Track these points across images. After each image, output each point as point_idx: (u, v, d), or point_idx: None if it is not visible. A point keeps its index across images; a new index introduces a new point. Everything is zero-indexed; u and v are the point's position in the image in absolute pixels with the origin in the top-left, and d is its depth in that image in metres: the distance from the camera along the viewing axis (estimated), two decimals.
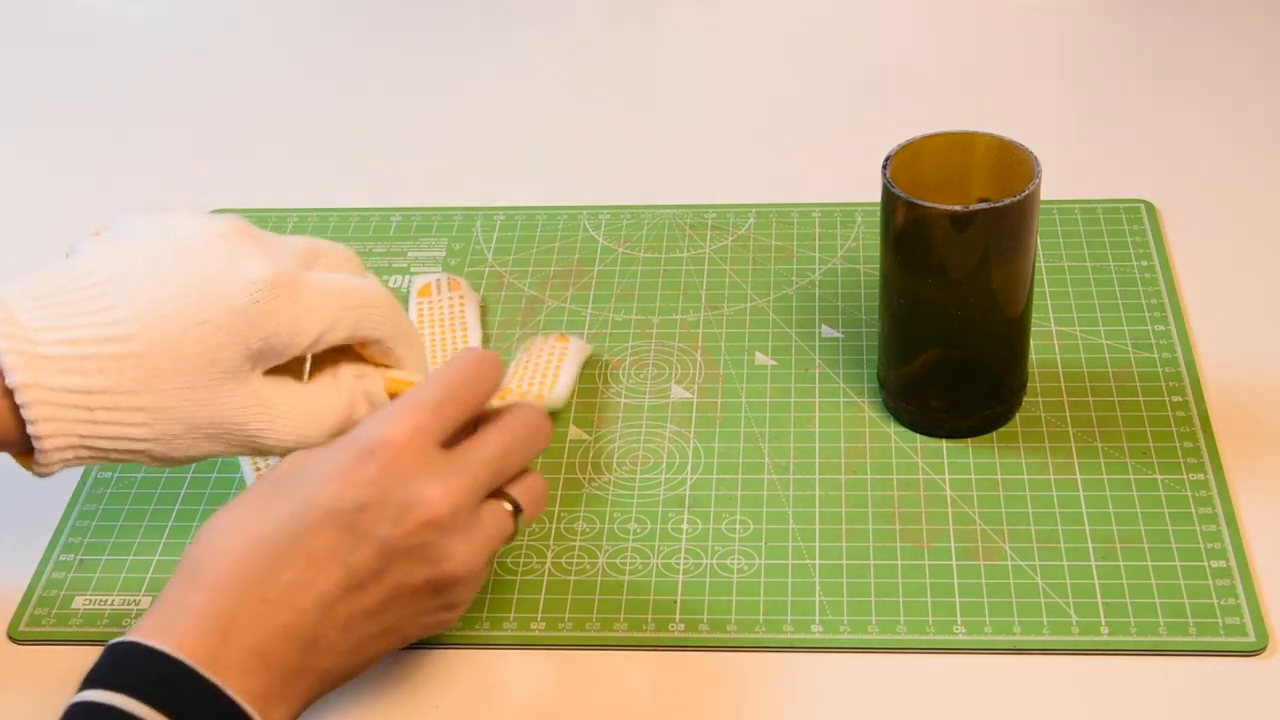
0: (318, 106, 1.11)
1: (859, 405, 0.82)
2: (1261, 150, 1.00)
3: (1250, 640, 0.69)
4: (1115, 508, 0.75)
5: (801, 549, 0.74)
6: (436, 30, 1.17)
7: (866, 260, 0.91)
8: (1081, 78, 1.10)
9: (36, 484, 0.80)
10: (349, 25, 1.19)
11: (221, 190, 1.01)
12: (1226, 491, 0.76)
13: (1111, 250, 0.91)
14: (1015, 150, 0.75)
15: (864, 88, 1.09)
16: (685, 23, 1.17)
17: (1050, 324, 0.86)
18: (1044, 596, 0.71)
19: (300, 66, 1.15)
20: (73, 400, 0.63)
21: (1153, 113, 1.04)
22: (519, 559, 0.75)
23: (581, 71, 1.13)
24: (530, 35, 1.17)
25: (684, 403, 0.83)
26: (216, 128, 1.09)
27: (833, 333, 0.86)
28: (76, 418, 0.63)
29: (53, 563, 0.76)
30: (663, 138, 1.05)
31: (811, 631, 0.71)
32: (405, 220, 0.97)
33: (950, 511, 0.76)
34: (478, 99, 1.10)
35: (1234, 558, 0.73)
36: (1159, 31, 1.12)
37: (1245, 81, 1.06)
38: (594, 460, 0.80)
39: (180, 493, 0.79)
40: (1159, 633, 0.70)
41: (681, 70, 1.13)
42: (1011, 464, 0.78)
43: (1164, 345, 0.84)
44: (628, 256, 0.93)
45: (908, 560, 0.73)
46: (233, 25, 1.20)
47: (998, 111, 1.05)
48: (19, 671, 0.72)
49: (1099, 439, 0.79)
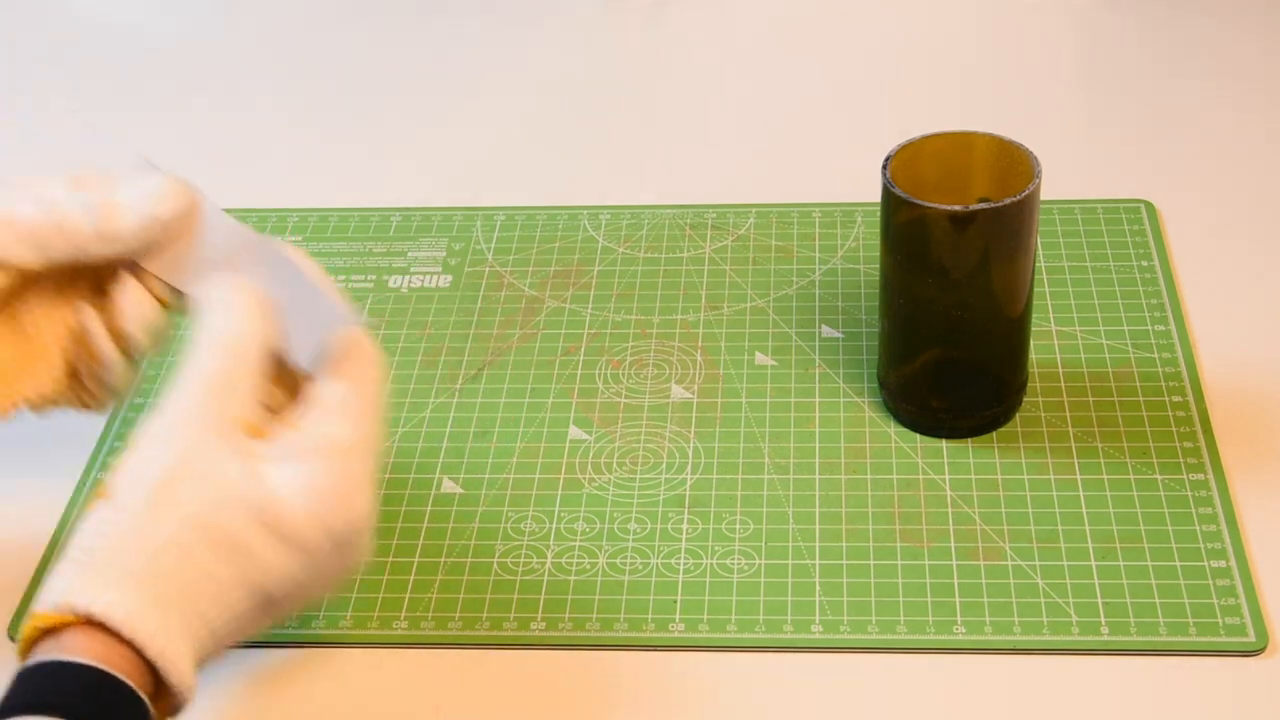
0: (318, 107, 1.11)
1: (859, 405, 0.82)
2: (1262, 150, 1.00)
3: (1250, 640, 0.69)
4: (1115, 508, 0.75)
5: (801, 549, 0.74)
6: (437, 30, 1.17)
7: (866, 260, 0.91)
8: (1082, 78, 1.10)
9: (35, 484, 0.80)
10: (349, 25, 1.19)
11: (221, 190, 1.00)
12: (1226, 491, 0.76)
13: (1111, 250, 0.91)
14: (1015, 150, 0.75)
15: (864, 88, 1.09)
16: (686, 23, 1.17)
17: (1050, 324, 0.86)
18: (1044, 596, 0.71)
19: (301, 67, 1.15)
20: None
21: (1153, 113, 1.04)
22: (519, 559, 0.75)
23: (582, 71, 1.12)
24: (531, 35, 1.17)
25: (684, 403, 0.83)
26: (216, 128, 1.09)
27: (833, 333, 0.86)
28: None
29: (53, 563, 0.76)
30: (663, 138, 1.05)
31: (811, 631, 0.71)
32: (405, 220, 0.97)
33: (950, 511, 0.76)
34: (478, 99, 1.10)
35: (1234, 558, 0.73)
36: (1159, 31, 1.12)
37: (1246, 81, 1.06)
38: (594, 460, 0.80)
39: None
40: (1159, 633, 0.70)
41: (682, 70, 1.13)
42: (1011, 464, 0.78)
43: (1164, 345, 0.84)
44: (628, 256, 0.93)
45: (908, 560, 0.73)
46: (233, 25, 1.20)
47: (998, 111, 1.05)
48: None
49: (1099, 439, 0.79)
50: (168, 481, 0.59)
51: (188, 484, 0.59)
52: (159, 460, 0.59)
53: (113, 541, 0.58)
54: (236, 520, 0.59)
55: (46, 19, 1.21)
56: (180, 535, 0.58)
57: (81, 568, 0.57)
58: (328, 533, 0.61)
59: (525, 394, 0.84)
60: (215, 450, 0.60)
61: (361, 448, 0.62)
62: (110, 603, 0.56)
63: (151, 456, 0.60)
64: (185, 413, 0.60)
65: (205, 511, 0.59)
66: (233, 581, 0.59)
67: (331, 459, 0.61)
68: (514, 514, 0.77)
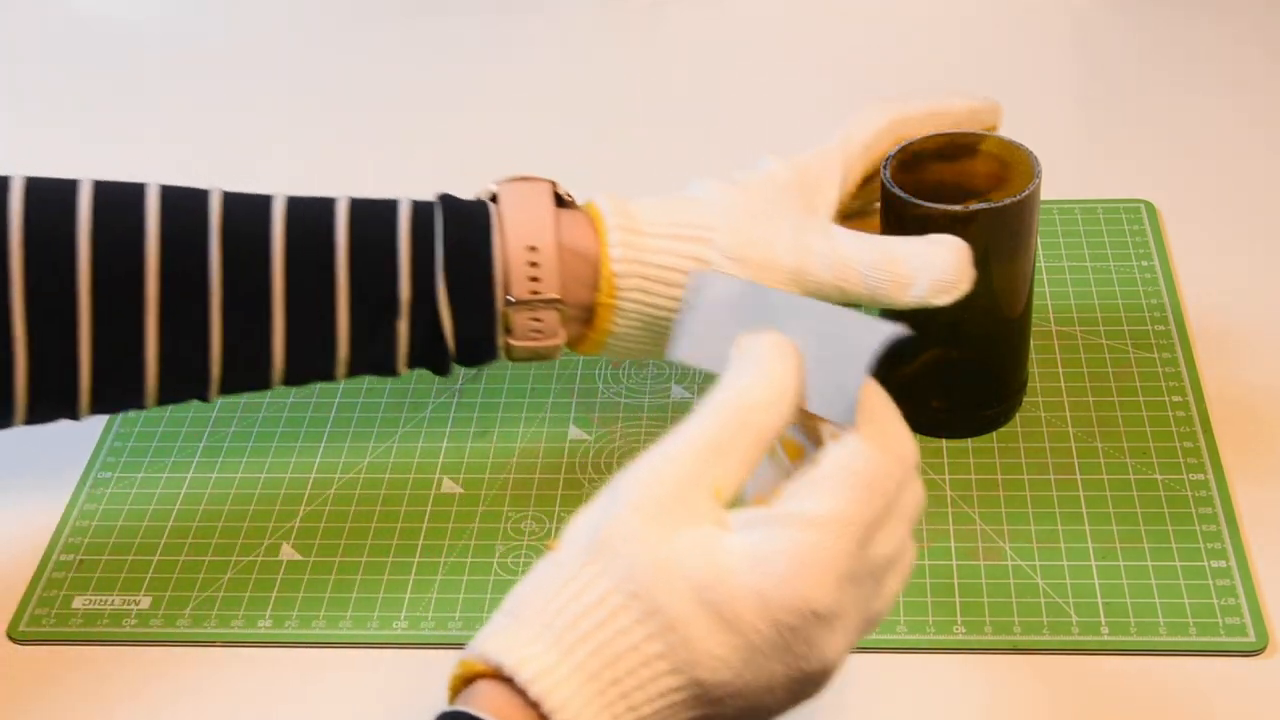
0: (317, 107, 1.11)
1: None
2: (1262, 151, 1.00)
3: (1250, 640, 0.69)
4: (1115, 508, 0.75)
5: None
6: (436, 30, 1.17)
7: None
8: (1082, 77, 1.10)
9: (37, 483, 0.80)
10: (349, 26, 1.19)
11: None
12: (1226, 491, 0.76)
13: (1111, 250, 0.91)
14: (1015, 150, 0.75)
15: (864, 88, 1.09)
16: (687, 23, 1.17)
17: (1050, 324, 0.86)
18: (1044, 596, 0.71)
19: (300, 67, 1.15)
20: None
21: (1153, 113, 1.04)
22: (519, 559, 0.75)
23: (582, 71, 1.12)
24: (530, 35, 1.17)
25: (684, 403, 0.83)
26: (216, 128, 1.09)
27: None
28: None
29: (53, 563, 0.76)
30: (663, 138, 1.05)
31: None
32: None
33: (950, 511, 0.76)
34: (478, 99, 1.10)
35: (1234, 558, 0.73)
36: (1159, 31, 1.12)
37: (1246, 81, 1.06)
38: (594, 460, 0.80)
39: (180, 493, 0.79)
40: (1159, 633, 0.70)
41: (682, 70, 1.13)
42: (1011, 464, 0.78)
43: (1164, 345, 0.84)
44: None
45: None
46: (233, 25, 1.20)
47: None
48: (19, 671, 0.72)
49: (1099, 439, 0.79)
50: (610, 541, 0.52)
51: (631, 545, 0.52)
52: (611, 512, 0.53)
53: (543, 595, 0.53)
54: (673, 591, 0.51)
55: (46, 19, 1.21)
56: (610, 599, 0.52)
57: (509, 618, 0.53)
58: (767, 614, 0.51)
59: (525, 394, 0.84)
60: (670, 512, 0.53)
61: (838, 525, 0.52)
62: (523, 658, 0.51)
63: (606, 508, 0.54)
64: (656, 471, 0.54)
65: (640, 577, 0.52)
66: (657, 657, 0.51)
67: (792, 529, 0.52)
68: (514, 514, 0.77)
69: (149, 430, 0.83)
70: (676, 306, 0.68)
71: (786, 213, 0.71)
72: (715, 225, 0.70)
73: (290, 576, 0.75)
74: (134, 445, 0.82)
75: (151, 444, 0.82)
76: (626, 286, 0.69)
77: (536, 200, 0.70)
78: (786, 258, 0.69)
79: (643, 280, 0.69)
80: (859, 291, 0.69)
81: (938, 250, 0.69)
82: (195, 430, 0.83)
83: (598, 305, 0.69)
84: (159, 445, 0.82)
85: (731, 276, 0.60)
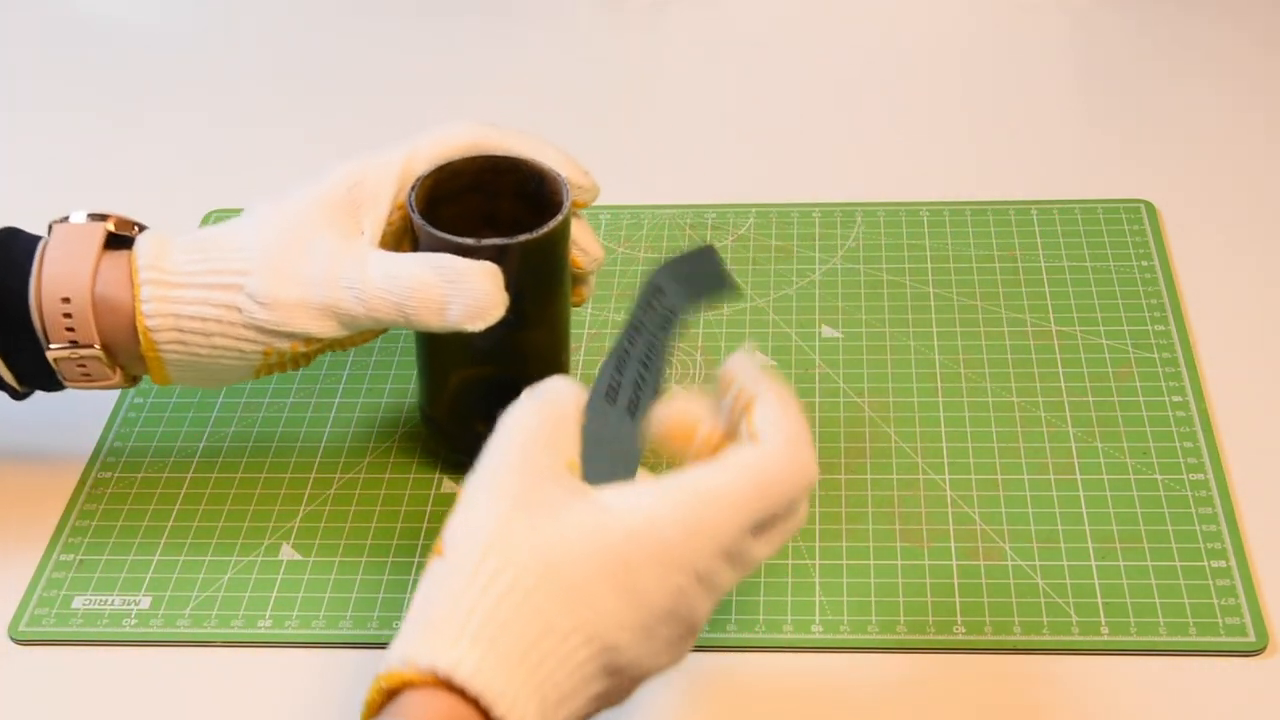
0: (317, 107, 1.11)
1: (859, 405, 0.82)
2: (1262, 150, 1.00)
3: (1250, 640, 0.69)
4: (1115, 508, 0.75)
5: (801, 549, 0.74)
6: (436, 30, 1.17)
7: (867, 260, 0.91)
8: (1080, 78, 1.10)
9: (37, 484, 0.80)
10: (349, 26, 1.19)
11: (221, 191, 1.01)
12: (1226, 491, 0.76)
13: (1111, 250, 0.91)
14: (552, 178, 0.73)
15: (864, 88, 1.09)
16: (686, 22, 1.17)
17: (1050, 324, 0.86)
18: (1044, 596, 0.71)
19: (300, 67, 1.15)
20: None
21: (1152, 113, 1.04)
22: None
23: (582, 71, 1.12)
24: (530, 35, 1.17)
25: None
26: (216, 128, 1.09)
27: (833, 333, 0.86)
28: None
29: (53, 563, 0.76)
30: (663, 138, 1.05)
31: (811, 631, 0.71)
32: None
33: (950, 511, 0.76)
34: (478, 99, 1.10)
35: (1234, 558, 0.73)
36: (1159, 31, 1.12)
37: (1246, 81, 1.06)
38: None
39: (180, 493, 0.79)
40: (1159, 633, 0.70)
41: (682, 70, 1.13)
42: (1011, 464, 0.78)
43: (1164, 345, 0.84)
44: (627, 256, 0.93)
45: (908, 560, 0.73)
46: (232, 25, 1.20)
47: (997, 111, 1.05)
48: (19, 671, 0.72)
49: (1099, 439, 0.79)
50: (504, 533, 0.55)
51: (525, 533, 0.55)
52: (491, 509, 0.56)
53: (451, 598, 0.54)
54: (576, 565, 0.54)
55: (46, 19, 1.21)
56: (521, 582, 0.54)
57: (421, 627, 0.54)
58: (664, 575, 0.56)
59: None
60: (548, 492, 0.56)
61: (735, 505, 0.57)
62: (455, 660, 0.52)
63: (481, 506, 0.56)
64: (511, 463, 0.57)
65: (545, 557, 0.54)
66: (572, 630, 0.54)
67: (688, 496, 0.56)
68: None
69: (149, 430, 0.83)
70: (221, 355, 0.71)
71: (325, 239, 0.71)
72: (249, 269, 0.70)
73: (290, 576, 0.75)
74: (134, 445, 0.82)
75: (151, 444, 0.82)
76: (164, 340, 0.70)
77: (81, 247, 0.71)
78: (317, 295, 0.70)
79: (179, 333, 0.70)
80: (393, 318, 0.70)
81: (471, 277, 0.69)
82: (195, 430, 0.83)
83: (143, 355, 0.71)
84: (159, 445, 0.82)
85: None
